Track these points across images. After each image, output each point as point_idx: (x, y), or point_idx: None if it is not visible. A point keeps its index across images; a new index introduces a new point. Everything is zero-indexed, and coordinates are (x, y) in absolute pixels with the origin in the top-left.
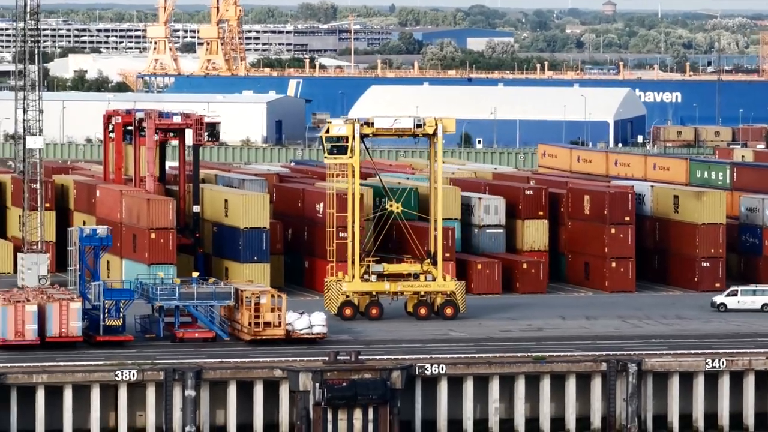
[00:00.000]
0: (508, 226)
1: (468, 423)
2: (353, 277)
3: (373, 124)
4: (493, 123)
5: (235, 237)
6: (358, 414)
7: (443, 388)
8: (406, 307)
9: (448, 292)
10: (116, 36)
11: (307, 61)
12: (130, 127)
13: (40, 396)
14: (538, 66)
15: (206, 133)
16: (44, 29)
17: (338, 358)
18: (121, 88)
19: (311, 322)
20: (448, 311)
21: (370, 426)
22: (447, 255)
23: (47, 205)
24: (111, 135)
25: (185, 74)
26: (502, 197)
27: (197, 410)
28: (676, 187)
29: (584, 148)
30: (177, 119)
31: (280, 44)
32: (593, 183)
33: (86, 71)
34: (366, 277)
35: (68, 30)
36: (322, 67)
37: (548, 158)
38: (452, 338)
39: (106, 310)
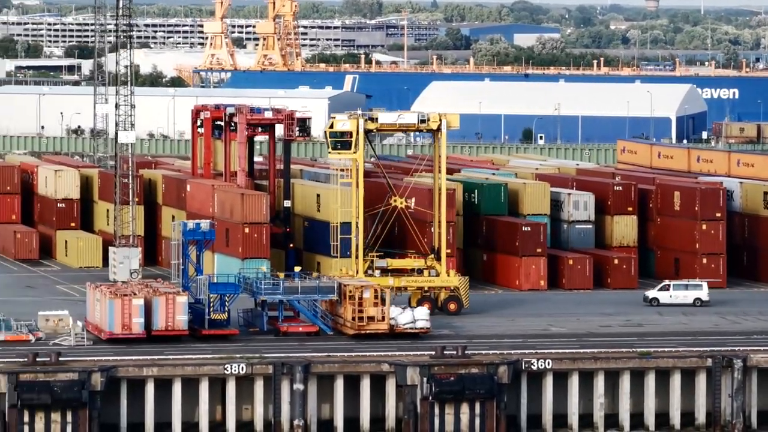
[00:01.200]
0: (597, 222)
1: (573, 418)
2: (357, 272)
3: (377, 119)
4: (556, 119)
5: (328, 232)
6: (465, 408)
7: (549, 382)
8: (410, 302)
9: (452, 288)
10: (164, 31)
11: (363, 56)
12: (218, 122)
13: (150, 389)
14: (595, 62)
15: (297, 128)
16: (92, 24)
17: (445, 352)
18: (175, 83)
19: (414, 316)
20: (452, 306)
21: (477, 420)
22: (538, 251)
23: (136, 199)
24: (199, 130)
25: (241, 69)
26: (591, 193)
27: (305, 404)
28: (766, 183)
29: (666, 145)
30: (268, 114)
31: (327, 39)
32: (682, 179)
33: (138, 66)
34: (370, 272)
35: (116, 25)
36: (377, 62)
37: (627, 154)
38: (553, 333)
39: (212, 304)
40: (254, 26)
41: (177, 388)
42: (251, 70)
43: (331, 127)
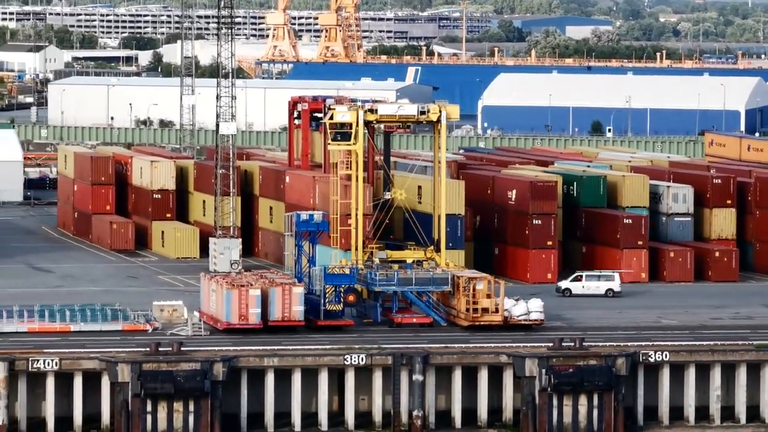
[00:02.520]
0: (695, 215)
1: (689, 410)
2: (356, 263)
3: (376, 110)
4: (624, 112)
5: (430, 223)
6: (583, 400)
7: (665, 375)
8: None
9: None
10: (216, 23)
11: (424, 49)
12: (316, 114)
13: (270, 379)
14: (658, 55)
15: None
16: (145, 15)
17: (563, 344)
18: (234, 73)
19: (529, 308)
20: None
21: (595, 412)
22: (639, 243)
23: (234, 190)
24: (296, 121)
25: (304, 61)
26: (689, 185)
27: (424, 395)
28: None
29: (756, 138)
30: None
31: (380, 31)
32: None
33: (197, 58)
34: (369, 263)
35: (168, 17)
36: (438, 54)
37: (716, 147)
38: (665, 326)
39: (327, 295)
40: (316, 18)
41: (297, 379)
42: (313, 61)
43: (331, 118)
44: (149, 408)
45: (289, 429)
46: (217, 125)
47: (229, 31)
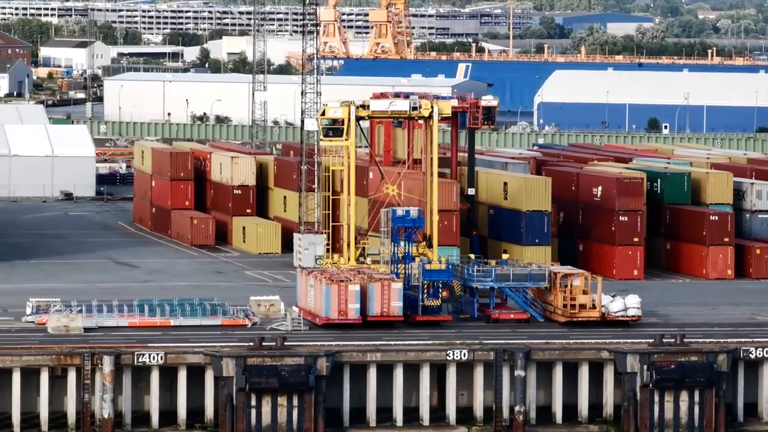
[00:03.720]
0: None
1: None
2: (348, 259)
3: (368, 106)
4: (680, 108)
5: (517, 219)
6: (684, 396)
7: (765, 371)
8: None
9: None
10: (258, 19)
11: (473, 45)
12: None
13: (372, 374)
14: (709, 52)
15: (482, 117)
16: (186, 11)
17: (663, 340)
18: (283, 70)
19: (626, 304)
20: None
21: (696, 408)
22: (726, 240)
23: (314, 186)
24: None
25: (354, 57)
26: None
27: (525, 390)
28: None
29: None
30: (454, 103)
31: (422, 28)
32: None
33: (240, 53)
34: (361, 259)
35: (210, 12)
36: (489, 51)
37: None
38: (761, 322)
39: (425, 291)
40: (366, 15)
41: (399, 374)
42: (364, 57)
43: (323, 114)
44: (253, 402)
45: (391, 424)
46: (302, 121)
47: (315, 28)
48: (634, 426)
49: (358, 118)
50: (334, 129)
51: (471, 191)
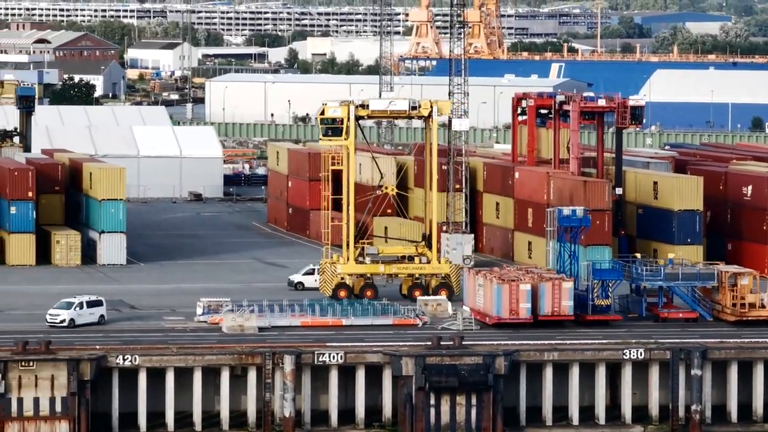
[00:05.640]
0: None
1: None
2: (348, 259)
3: (368, 106)
4: None
5: (667, 219)
6: None
7: None
8: (401, 289)
9: (443, 275)
10: (336, 19)
11: (565, 45)
12: (542, 110)
13: (548, 373)
14: None
15: (629, 116)
16: (265, 12)
17: None
18: (371, 70)
19: None
20: (443, 293)
21: None
22: None
23: (457, 186)
24: (520, 117)
25: (446, 58)
26: None
27: (702, 390)
28: None
29: None
30: (601, 102)
31: (500, 28)
32: None
33: (325, 54)
34: (361, 259)
35: (288, 13)
36: (581, 51)
37: None
38: None
39: (595, 290)
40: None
41: (575, 372)
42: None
43: (322, 113)
44: (432, 401)
45: (567, 423)
46: (450, 121)
47: (461, 29)
48: None
49: (358, 118)
50: (333, 128)
51: (618, 191)
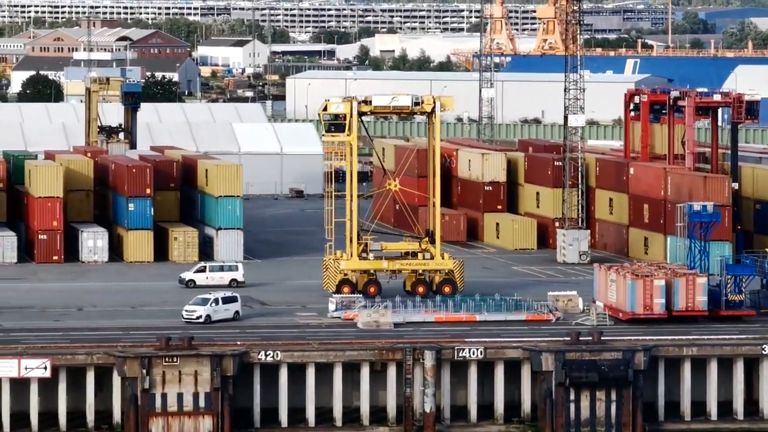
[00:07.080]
0: None
1: None
2: (351, 255)
3: (371, 102)
4: None
5: None
6: None
7: None
8: (405, 285)
9: (447, 271)
10: (400, 16)
11: (639, 42)
12: (655, 106)
13: (686, 368)
14: None
15: (745, 111)
16: (329, 9)
17: None
18: (443, 67)
19: None
20: (446, 289)
21: None
22: None
23: (570, 182)
24: (632, 113)
25: (521, 54)
26: None
27: None
28: None
29: None
30: (717, 97)
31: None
32: None
33: (393, 51)
34: (364, 255)
35: (352, 10)
36: (651, 47)
37: None
38: None
39: (728, 286)
40: (533, 11)
41: (713, 368)
42: (531, 54)
43: (325, 109)
44: (572, 396)
45: (705, 418)
46: (565, 117)
47: (579, 26)
48: None
49: (360, 114)
50: (336, 124)
51: (734, 186)
